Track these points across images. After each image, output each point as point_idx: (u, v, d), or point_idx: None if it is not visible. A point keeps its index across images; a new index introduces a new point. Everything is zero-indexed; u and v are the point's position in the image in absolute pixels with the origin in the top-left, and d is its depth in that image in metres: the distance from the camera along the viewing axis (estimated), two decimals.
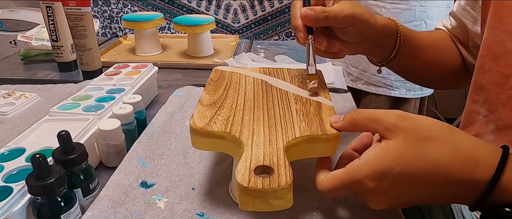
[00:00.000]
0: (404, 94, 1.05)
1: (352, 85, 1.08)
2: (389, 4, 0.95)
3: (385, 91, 1.05)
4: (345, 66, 1.08)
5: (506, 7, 0.42)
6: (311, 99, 0.45)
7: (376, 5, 0.97)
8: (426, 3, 0.95)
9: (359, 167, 0.32)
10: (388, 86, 1.04)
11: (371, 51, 0.54)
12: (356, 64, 1.05)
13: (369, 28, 0.48)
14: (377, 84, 1.05)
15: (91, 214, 0.38)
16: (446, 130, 0.32)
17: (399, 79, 1.02)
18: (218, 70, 0.54)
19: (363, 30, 0.47)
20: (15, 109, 0.62)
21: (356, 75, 1.07)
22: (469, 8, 0.55)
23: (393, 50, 0.53)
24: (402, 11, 0.95)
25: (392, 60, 0.54)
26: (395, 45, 0.52)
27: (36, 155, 0.34)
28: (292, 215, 0.40)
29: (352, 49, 0.51)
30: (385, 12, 0.96)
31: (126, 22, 0.95)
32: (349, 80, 1.09)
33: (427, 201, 0.34)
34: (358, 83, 1.07)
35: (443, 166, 0.31)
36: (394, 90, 1.04)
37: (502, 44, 0.42)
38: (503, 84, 0.43)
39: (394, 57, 0.53)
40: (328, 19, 0.45)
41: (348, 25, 0.46)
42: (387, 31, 0.50)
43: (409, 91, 1.05)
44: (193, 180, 0.45)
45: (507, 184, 0.31)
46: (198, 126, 0.37)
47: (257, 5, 1.43)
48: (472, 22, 0.55)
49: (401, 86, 1.04)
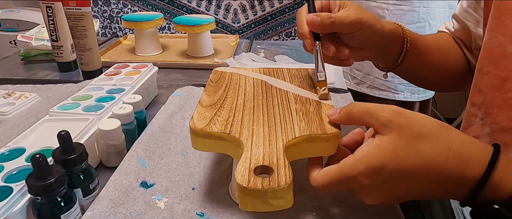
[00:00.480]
0: (408, 98, 1.04)
1: (357, 89, 1.08)
2: (392, 6, 0.95)
3: (389, 95, 1.04)
4: (349, 69, 1.07)
5: (506, 10, 0.42)
6: (311, 98, 0.45)
7: (379, 6, 0.96)
8: (430, 4, 0.94)
9: (353, 163, 0.33)
10: (392, 89, 1.04)
11: (378, 57, 0.54)
12: (360, 67, 1.05)
13: (376, 33, 0.47)
14: (380, 87, 1.04)
15: (91, 214, 0.38)
16: (440, 128, 0.33)
17: (403, 83, 1.02)
18: (218, 71, 0.54)
19: (370, 36, 0.47)
20: (15, 109, 0.62)
21: (360, 79, 1.06)
22: (471, 10, 0.55)
23: (400, 55, 0.52)
24: (406, 12, 0.94)
25: (399, 65, 0.53)
26: (401, 50, 0.52)
27: (36, 155, 0.34)
28: (292, 215, 0.40)
29: (359, 56, 0.50)
30: (388, 14, 0.95)
31: (126, 22, 0.95)
32: (353, 83, 1.08)
33: (419, 197, 0.35)
34: (362, 86, 1.07)
35: (436, 163, 0.31)
36: (398, 94, 1.04)
37: (501, 47, 0.42)
38: (500, 87, 0.43)
39: (402, 62, 0.53)
40: (335, 25, 0.45)
41: (355, 31, 0.46)
42: (394, 36, 0.50)
43: (413, 94, 1.04)
44: (193, 180, 0.46)
45: (497, 182, 0.31)
46: (198, 127, 0.37)
47: (257, 5, 1.43)
48: (475, 25, 0.55)
49: (405, 90, 1.03)
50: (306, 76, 0.52)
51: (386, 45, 0.51)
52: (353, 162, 0.33)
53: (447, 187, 0.33)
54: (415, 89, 1.04)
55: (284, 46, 1.09)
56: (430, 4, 0.94)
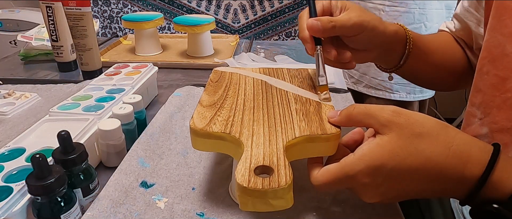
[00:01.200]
0: (404, 97, 1.05)
1: (354, 88, 1.08)
2: (388, 7, 0.95)
3: (385, 94, 1.05)
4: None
5: (506, 9, 0.42)
6: (311, 99, 0.45)
7: (375, 8, 0.96)
8: (425, 5, 0.94)
9: (353, 162, 0.33)
10: (388, 89, 1.04)
11: (381, 58, 0.54)
12: (357, 66, 1.05)
13: (378, 35, 0.47)
14: (377, 87, 1.05)
15: (91, 214, 0.38)
16: (439, 127, 0.33)
17: (399, 82, 1.02)
18: (218, 71, 0.54)
19: (373, 38, 0.47)
20: (15, 109, 0.62)
21: (357, 78, 1.07)
22: (472, 9, 0.55)
23: (403, 55, 0.52)
24: (401, 14, 0.95)
25: (402, 66, 0.53)
26: (404, 51, 0.51)
27: (36, 155, 0.34)
28: (292, 215, 0.40)
29: (361, 58, 0.50)
30: (383, 15, 0.96)
31: (126, 22, 0.95)
32: (350, 82, 1.09)
33: (419, 195, 0.35)
34: (359, 85, 1.07)
35: (435, 162, 0.32)
36: (394, 93, 1.04)
37: (501, 46, 0.42)
38: (500, 87, 0.43)
39: (404, 63, 0.53)
40: (336, 29, 0.44)
41: (357, 34, 0.45)
42: (397, 37, 0.50)
43: (409, 94, 1.05)
44: (193, 180, 0.46)
45: (496, 181, 0.31)
46: (198, 127, 0.37)
47: (257, 5, 1.43)
48: (476, 24, 0.54)
49: (401, 89, 1.04)
50: (306, 76, 0.52)
51: (389, 47, 0.50)
52: (354, 161, 0.33)
53: (447, 186, 0.33)
54: (411, 89, 1.04)
55: (284, 46, 1.09)
56: (426, 5, 0.94)
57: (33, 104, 0.66)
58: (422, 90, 1.05)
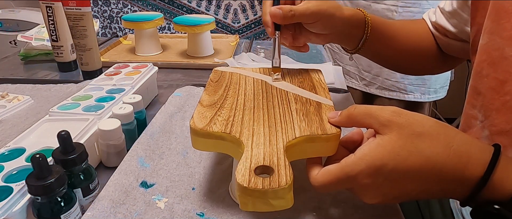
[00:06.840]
0: (418, 98, 1.03)
1: (365, 90, 1.07)
2: (400, 8, 0.94)
3: (399, 95, 1.03)
4: (358, 71, 1.07)
5: (505, 13, 0.42)
6: (311, 99, 0.45)
7: (388, 9, 0.95)
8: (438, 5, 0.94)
9: (354, 162, 0.33)
10: (402, 90, 1.03)
11: (341, 40, 0.58)
12: (369, 69, 1.04)
13: (335, 21, 0.51)
14: (390, 88, 1.04)
15: (91, 214, 0.38)
16: (439, 127, 0.33)
17: (413, 83, 1.01)
18: (218, 70, 0.54)
19: (330, 23, 0.51)
20: (7, 111, 0.61)
21: (369, 80, 1.06)
22: (459, 10, 0.56)
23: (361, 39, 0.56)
24: (415, 14, 0.93)
25: (360, 48, 0.57)
26: (363, 34, 0.55)
27: (36, 155, 0.34)
28: (292, 215, 0.40)
29: (322, 39, 0.54)
30: (397, 16, 0.94)
31: (126, 22, 0.95)
32: (362, 84, 1.08)
33: (419, 196, 0.35)
34: (371, 87, 1.06)
35: (436, 162, 0.32)
36: (408, 94, 1.03)
37: (500, 50, 0.42)
38: (499, 90, 0.43)
39: (363, 45, 0.57)
40: (295, 17, 0.49)
41: (315, 21, 0.50)
42: (354, 21, 0.54)
43: (424, 94, 1.03)
44: (193, 180, 0.45)
45: (497, 182, 0.31)
46: (198, 127, 0.37)
47: (257, 5, 1.43)
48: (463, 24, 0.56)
49: (415, 90, 1.02)
50: (306, 76, 0.52)
51: (347, 30, 0.54)
52: (354, 161, 0.33)
53: (447, 186, 0.33)
54: (426, 89, 1.02)
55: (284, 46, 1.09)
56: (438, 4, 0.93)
57: (33, 104, 0.65)
58: (436, 90, 1.04)
